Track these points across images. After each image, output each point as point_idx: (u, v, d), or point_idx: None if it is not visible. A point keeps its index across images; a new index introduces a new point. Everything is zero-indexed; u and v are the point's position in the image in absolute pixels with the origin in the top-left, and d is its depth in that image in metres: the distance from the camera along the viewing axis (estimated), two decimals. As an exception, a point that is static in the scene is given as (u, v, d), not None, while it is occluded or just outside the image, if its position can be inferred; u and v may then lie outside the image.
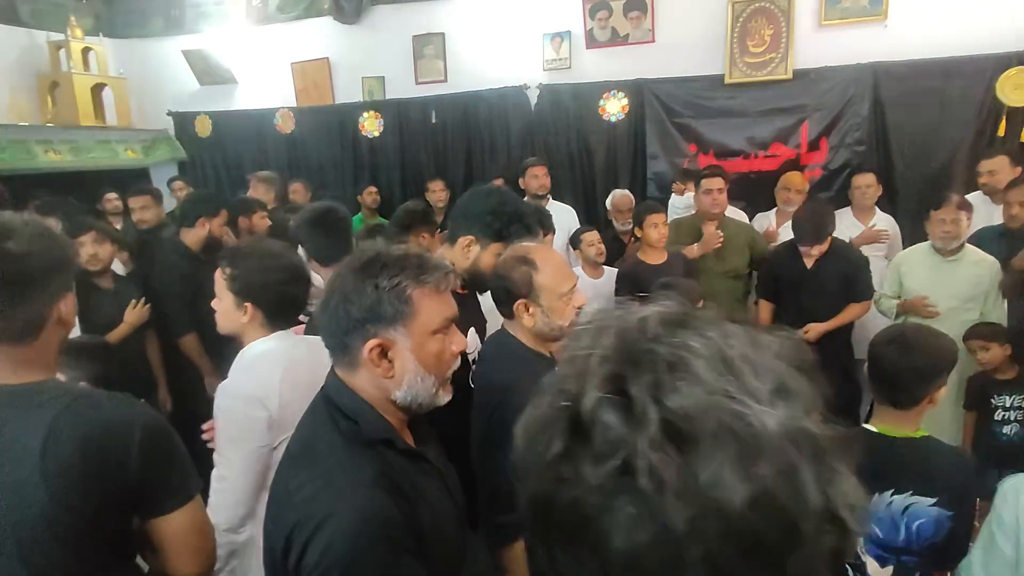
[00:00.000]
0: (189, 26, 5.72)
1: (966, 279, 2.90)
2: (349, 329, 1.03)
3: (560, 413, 0.45)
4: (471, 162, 5.16)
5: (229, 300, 1.61)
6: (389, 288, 1.01)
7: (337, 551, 0.89)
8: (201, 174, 5.87)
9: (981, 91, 3.90)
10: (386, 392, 1.05)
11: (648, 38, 4.59)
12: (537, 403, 0.48)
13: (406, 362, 1.03)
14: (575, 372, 0.46)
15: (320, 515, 0.91)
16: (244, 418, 1.49)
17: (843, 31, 4.17)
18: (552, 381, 0.49)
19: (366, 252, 1.07)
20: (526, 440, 0.47)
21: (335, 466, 0.97)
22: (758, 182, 4.33)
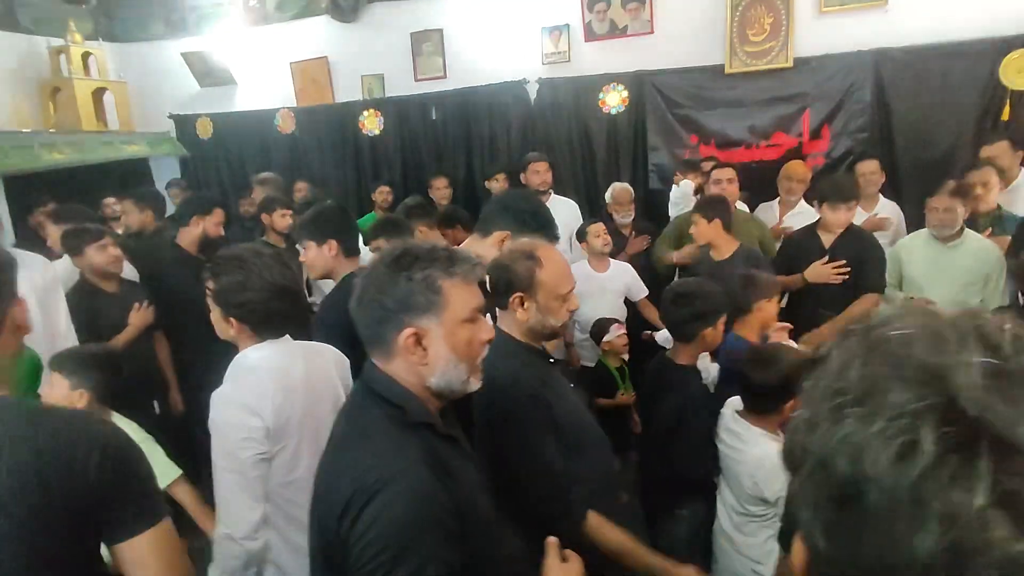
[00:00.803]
0: (188, 28, 5.74)
1: (966, 265, 2.89)
2: (384, 319, 1.09)
3: (964, 440, 0.37)
4: (472, 158, 5.16)
5: (216, 312, 1.60)
6: (421, 279, 1.07)
7: (390, 518, 0.96)
8: (203, 176, 5.89)
9: (984, 75, 3.86)
10: (422, 379, 1.11)
11: (647, 29, 4.57)
12: (864, 425, 0.41)
13: (439, 349, 1.10)
14: (945, 387, 0.39)
15: (375, 486, 0.97)
16: (239, 427, 1.48)
17: (843, 17, 4.14)
18: (879, 397, 0.41)
19: (397, 247, 1.14)
20: (888, 471, 0.39)
21: (386, 444, 1.05)
22: (760, 172, 4.30)
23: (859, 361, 0.44)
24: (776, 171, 4.03)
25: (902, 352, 0.42)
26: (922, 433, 0.38)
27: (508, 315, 1.55)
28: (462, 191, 5.11)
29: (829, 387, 0.45)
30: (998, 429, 0.36)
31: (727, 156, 4.40)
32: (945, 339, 0.41)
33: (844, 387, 0.44)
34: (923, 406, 0.38)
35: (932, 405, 0.38)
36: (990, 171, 3.14)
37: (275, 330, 1.62)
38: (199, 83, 5.79)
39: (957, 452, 0.37)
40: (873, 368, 0.43)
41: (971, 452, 0.36)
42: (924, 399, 0.39)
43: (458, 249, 1.17)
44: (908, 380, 0.40)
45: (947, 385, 0.38)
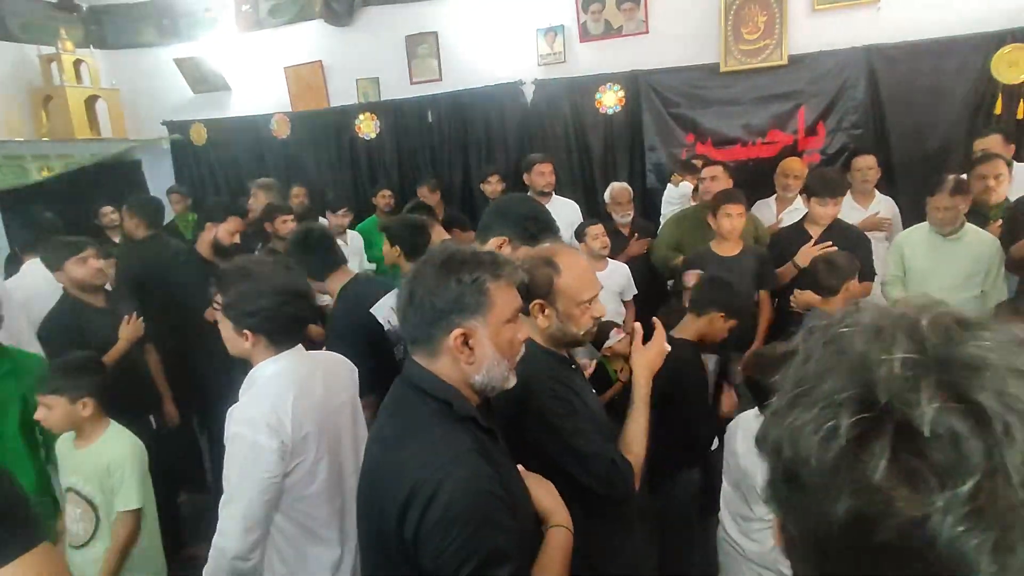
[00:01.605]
0: (181, 35, 5.70)
1: (966, 258, 2.92)
2: (434, 320, 1.14)
3: (874, 424, 0.41)
4: (468, 160, 5.16)
5: (228, 327, 1.56)
6: (471, 282, 1.13)
7: (457, 509, 1.01)
8: (199, 183, 5.86)
9: (976, 70, 3.91)
10: (466, 377, 1.16)
11: (642, 29, 4.60)
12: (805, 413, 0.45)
13: (485, 349, 1.15)
14: (869, 378, 0.43)
15: (435, 481, 1.02)
16: (255, 446, 1.45)
17: (836, 15, 4.18)
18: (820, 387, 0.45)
19: (443, 251, 1.19)
20: (815, 452, 0.43)
21: (439, 437, 1.10)
22: (757, 169, 4.34)
23: (816, 355, 0.48)
24: (772, 168, 4.06)
25: (846, 346, 0.46)
26: (841, 419, 0.42)
27: (530, 321, 1.53)
28: (459, 193, 5.11)
29: (791, 378, 0.49)
30: (901, 414, 0.40)
31: (723, 154, 4.43)
32: (881, 334, 0.45)
33: (801, 378, 0.48)
34: (845, 396, 0.43)
35: (852, 395, 0.43)
36: (1000, 163, 3.13)
37: (291, 337, 1.61)
38: (192, 89, 5.76)
39: (866, 435, 0.41)
40: (824, 361, 0.47)
41: (876, 434, 0.41)
42: (847, 389, 0.43)
43: (499, 254, 1.22)
44: (841, 372, 0.45)
45: (870, 376, 0.43)
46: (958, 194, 2.88)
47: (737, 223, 3.08)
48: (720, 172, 3.53)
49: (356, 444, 1.72)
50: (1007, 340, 0.43)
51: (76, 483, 2.04)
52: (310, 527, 1.58)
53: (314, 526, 1.59)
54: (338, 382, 1.72)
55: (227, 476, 1.48)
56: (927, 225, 3.04)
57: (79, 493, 2.03)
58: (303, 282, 1.67)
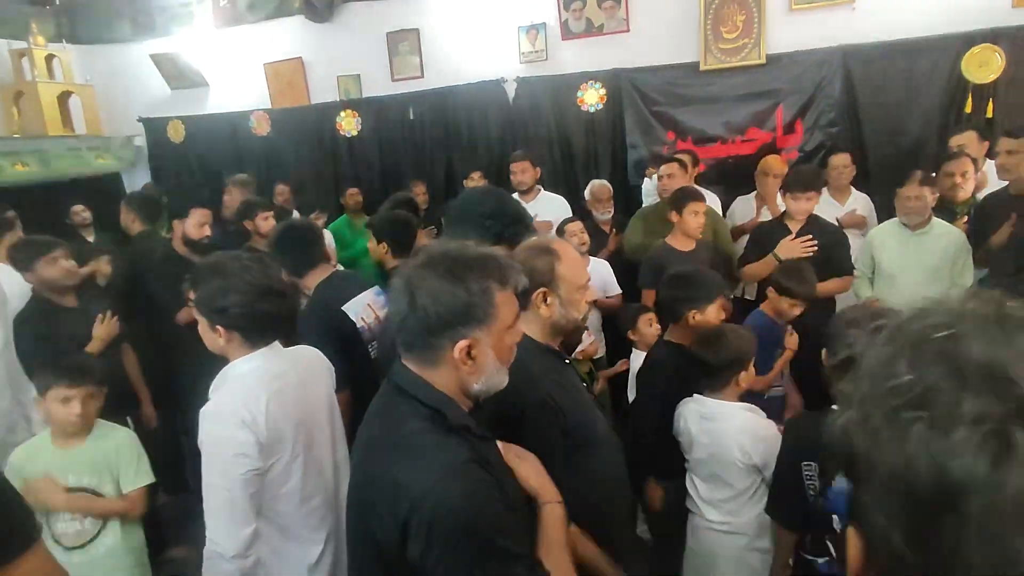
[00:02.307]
0: (156, 30, 5.61)
1: (934, 251, 3.00)
2: (438, 329, 1.07)
3: (1016, 457, 0.38)
4: (451, 157, 5.15)
5: (203, 323, 1.54)
6: (479, 291, 1.06)
7: (462, 521, 0.97)
8: (176, 180, 5.76)
9: (947, 69, 4.00)
10: (465, 386, 1.11)
11: (623, 28, 4.63)
12: (943, 431, 0.41)
13: (488, 358, 1.10)
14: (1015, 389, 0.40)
15: (436, 494, 0.98)
16: (231, 443, 1.42)
17: (813, 15, 4.25)
18: (942, 398, 0.42)
19: (445, 254, 1.10)
20: (986, 476, 0.39)
21: (432, 451, 1.04)
22: (737, 166, 4.40)
23: (905, 361, 0.45)
24: (751, 166, 4.12)
25: (953, 351, 0.43)
26: (1016, 438, 0.38)
27: (529, 314, 1.49)
28: (443, 191, 5.10)
29: (877, 387, 0.45)
30: None
31: (704, 152, 4.49)
32: (994, 336, 0.42)
33: (896, 388, 0.44)
34: (1005, 411, 0.39)
35: (1013, 409, 0.39)
36: (967, 161, 3.23)
37: (265, 334, 1.57)
38: (169, 85, 5.67)
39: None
40: (925, 369, 0.43)
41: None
42: (1004, 402, 0.40)
43: (501, 256, 1.15)
44: (973, 384, 0.41)
45: (1016, 387, 0.40)
46: (926, 185, 2.97)
47: (703, 220, 3.15)
48: (676, 169, 3.59)
49: (334, 441, 1.70)
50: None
51: (77, 481, 1.99)
52: (286, 525, 1.56)
53: (290, 524, 1.56)
54: (314, 378, 1.70)
55: (207, 480, 1.44)
56: (896, 221, 3.13)
57: (84, 490, 2.00)
58: (279, 279, 1.63)
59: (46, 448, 2.04)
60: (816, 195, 3.11)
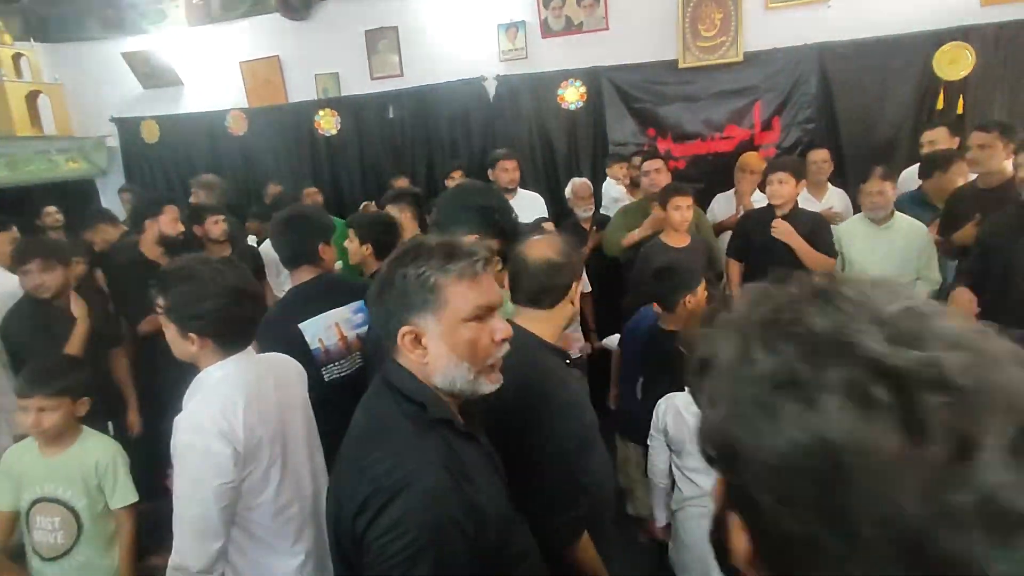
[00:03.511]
0: (127, 27, 5.48)
1: (899, 244, 3.09)
2: (388, 317, 1.10)
3: (879, 412, 0.40)
4: (432, 156, 5.12)
5: (172, 330, 1.47)
6: (415, 277, 1.06)
7: (409, 521, 0.95)
8: (151, 181, 5.65)
9: (919, 67, 4.08)
10: (427, 377, 1.10)
11: (602, 26, 4.64)
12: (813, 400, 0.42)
13: (439, 348, 1.07)
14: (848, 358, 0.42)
15: (394, 488, 0.97)
16: (207, 453, 1.37)
17: (789, 13, 4.30)
18: (810, 371, 0.43)
19: (406, 244, 1.14)
20: (866, 437, 0.40)
21: (405, 445, 1.03)
22: (716, 163, 4.44)
23: (759, 345, 0.46)
24: (731, 162, 4.16)
25: (797, 328, 0.45)
26: (875, 393, 0.40)
27: (546, 315, 1.47)
28: (424, 190, 5.06)
29: (740, 378, 0.46)
30: (916, 373, 0.40)
31: (683, 149, 4.54)
32: (825, 308, 0.45)
33: (756, 375, 0.45)
34: (858, 371, 0.42)
35: (863, 368, 0.42)
36: (962, 164, 3.27)
37: (241, 339, 1.52)
38: (142, 84, 5.56)
39: (904, 403, 0.40)
40: (779, 349, 0.45)
41: (912, 400, 0.40)
42: (854, 364, 0.42)
43: (463, 244, 1.12)
44: (823, 354, 0.43)
45: (859, 349, 0.42)
46: (887, 180, 3.06)
47: (687, 215, 3.18)
48: (661, 165, 3.62)
49: (310, 448, 1.66)
50: (895, 288, 0.45)
51: (53, 491, 1.95)
52: (263, 537, 1.51)
53: (267, 536, 1.52)
54: (288, 384, 1.65)
55: (179, 489, 1.38)
56: (861, 216, 3.21)
57: (57, 501, 1.95)
58: (251, 281, 1.57)
59: (32, 452, 2.00)
60: (789, 177, 3.15)
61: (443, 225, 1.73)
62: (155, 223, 3.11)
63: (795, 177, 3.19)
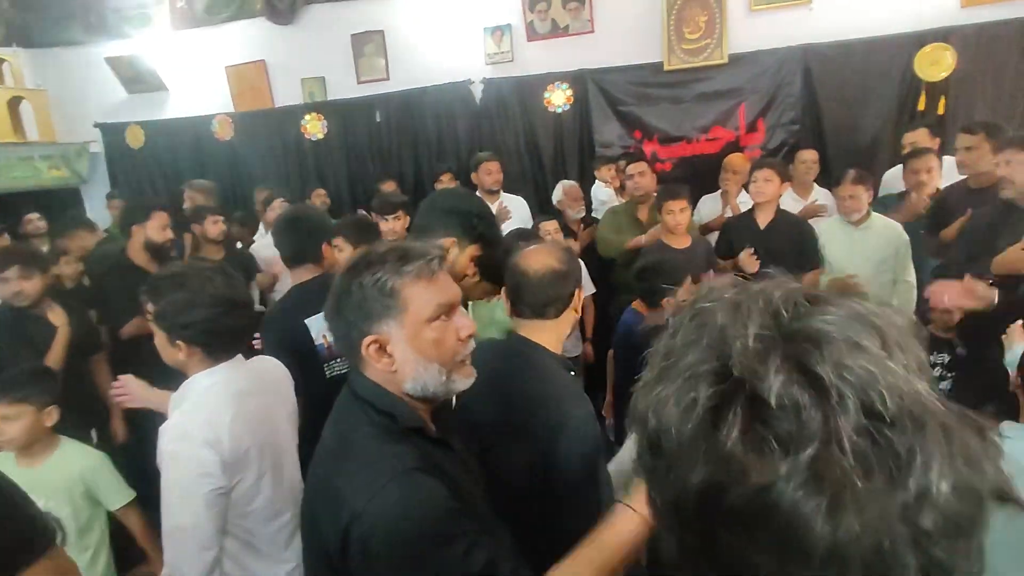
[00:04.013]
0: (110, 32, 5.43)
1: (876, 245, 3.13)
2: (348, 330, 1.06)
3: (727, 396, 0.43)
4: (419, 159, 5.12)
5: (161, 336, 1.46)
6: (371, 284, 1.03)
7: (399, 536, 0.93)
8: (136, 187, 5.61)
9: (901, 68, 4.12)
10: (397, 386, 1.06)
11: (587, 28, 4.66)
12: (669, 384, 0.46)
13: (405, 354, 1.04)
14: (726, 351, 0.44)
15: (375, 508, 0.94)
16: (194, 462, 1.35)
17: (772, 15, 4.34)
18: (683, 360, 0.46)
19: (356, 255, 1.10)
20: (676, 423, 0.45)
21: (379, 456, 1.00)
22: (701, 165, 4.47)
23: (683, 329, 0.50)
24: (716, 164, 4.19)
25: (708, 320, 0.48)
26: (700, 391, 0.44)
27: (552, 324, 1.45)
28: (410, 193, 5.06)
29: (660, 351, 0.51)
30: (752, 386, 0.42)
31: (669, 151, 4.56)
32: (739, 309, 0.46)
33: (668, 351, 0.49)
34: (705, 369, 0.45)
35: (711, 368, 0.45)
36: (932, 157, 3.33)
37: (230, 348, 1.50)
38: (126, 89, 5.51)
39: (721, 406, 0.43)
40: (687, 335, 0.48)
41: (729, 405, 0.42)
42: (706, 362, 0.45)
43: (414, 245, 1.09)
44: (702, 346, 0.46)
45: (726, 350, 0.44)
46: (859, 183, 3.08)
47: (681, 218, 3.18)
48: (646, 168, 3.65)
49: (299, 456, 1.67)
50: (848, 314, 0.44)
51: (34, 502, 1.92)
52: (254, 544, 1.51)
53: (258, 543, 1.51)
54: (277, 392, 1.65)
55: (167, 500, 1.36)
56: (839, 217, 3.24)
57: None
58: (242, 290, 1.56)
59: (8, 463, 1.96)
60: (774, 175, 3.19)
61: (422, 229, 1.69)
62: (142, 229, 3.09)
63: (780, 177, 3.22)
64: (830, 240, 3.23)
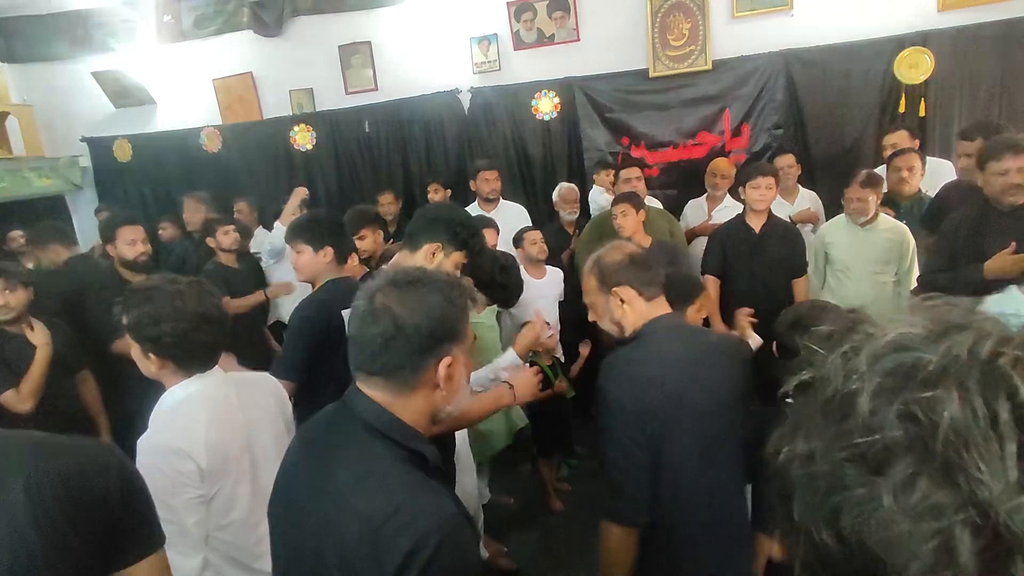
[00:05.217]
0: (95, 46, 5.42)
1: (881, 245, 3.16)
2: (428, 347, 1.01)
3: (1001, 557, 0.33)
4: (408, 169, 5.14)
5: (136, 348, 1.48)
6: (463, 307, 1.06)
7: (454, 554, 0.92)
8: (124, 201, 5.58)
9: (881, 71, 4.19)
10: (436, 410, 1.06)
11: (573, 37, 4.71)
12: (898, 514, 0.35)
13: (461, 379, 1.07)
14: (973, 485, 0.33)
15: (440, 535, 0.91)
16: (171, 472, 1.37)
17: (754, 21, 4.40)
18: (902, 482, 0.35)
19: (417, 275, 1.07)
20: (926, 568, 0.34)
21: (428, 493, 0.97)
22: (688, 170, 4.52)
23: (867, 403, 0.38)
24: (702, 169, 4.25)
25: (922, 411, 0.36)
26: (959, 541, 0.33)
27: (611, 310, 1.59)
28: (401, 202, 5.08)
29: (830, 424, 0.40)
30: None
31: (656, 156, 4.61)
32: (973, 400, 0.34)
33: (850, 436, 0.38)
34: (960, 517, 0.33)
35: (967, 518, 0.33)
36: (914, 156, 3.38)
37: (201, 362, 1.51)
38: (113, 104, 5.50)
39: (993, 567, 0.33)
40: (886, 422, 0.37)
41: (1006, 567, 0.33)
42: (958, 502, 0.34)
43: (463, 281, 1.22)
44: (933, 465, 0.35)
45: (976, 487, 0.33)
46: (868, 187, 3.10)
47: (626, 221, 3.28)
48: (639, 173, 3.73)
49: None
50: None
51: None
52: (235, 557, 1.51)
53: (239, 555, 1.52)
54: (257, 402, 1.64)
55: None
56: (845, 217, 3.26)
57: None
58: (216, 305, 1.55)
59: None
60: (774, 182, 3.21)
61: (411, 236, 1.84)
62: (112, 246, 3.09)
63: (777, 183, 3.26)
64: (834, 239, 3.27)
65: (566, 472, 3.75)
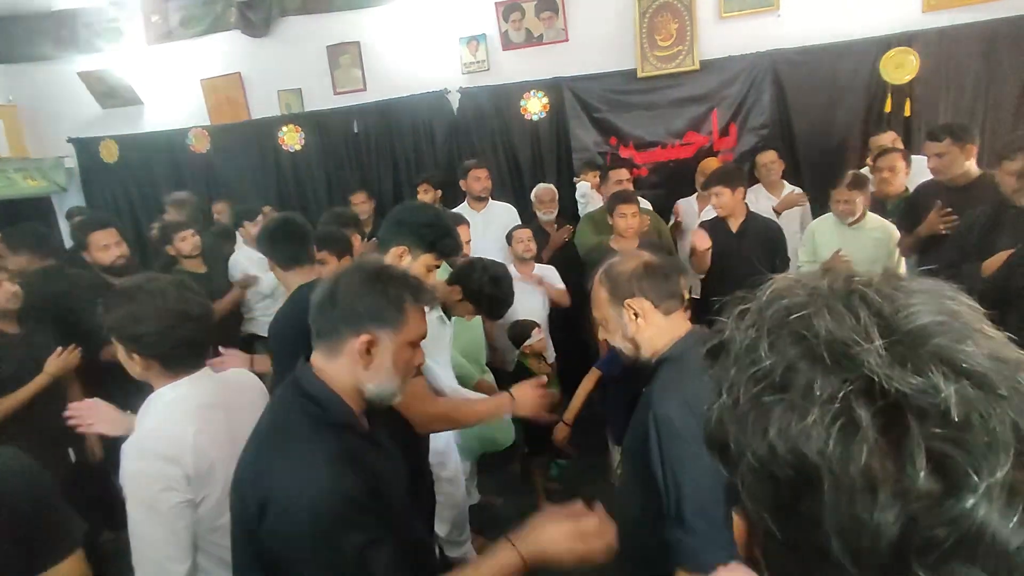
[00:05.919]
0: (81, 47, 5.38)
1: (868, 243, 3.20)
2: (349, 319, 1.18)
3: (894, 417, 0.39)
4: (397, 169, 5.13)
5: (120, 350, 1.46)
6: (392, 294, 1.20)
7: (308, 519, 1.03)
8: (111, 202, 5.55)
9: (867, 72, 4.22)
10: (359, 383, 1.20)
11: (562, 37, 4.71)
12: (799, 411, 0.42)
13: (384, 360, 1.20)
14: (856, 364, 0.41)
15: (290, 491, 1.05)
16: (158, 477, 1.35)
17: (741, 22, 4.42)
18: (799, 380, 0.42)
19: (376, 263, 1.27)
20: (836, 456, 0.40)
21: (303, 446, 1.12)
22: (676, 170, 4.54)
23: (766, 343, 0.45)
24: (691, 168, 4.27)
25: (806, 331, 0.44)
26: (858, 416, 0.39)
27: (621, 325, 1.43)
28: (389, 203, 5.08)
29: (743, 371, 0.46)
30: (917, 402, 0.38)
31: (645, 156, 4.62)
32: (840, 312, 0.43)
33: (759, 372, 0.45)
34: (851, 390, 0.40)
35: (857, 389, 0.40)
36: (898, 156, 3.42)
37: (187, 362, 1.49)
38: (100, 104, 5.46)
39: (891, 429, 0.38)
40: (783, 350, 0.44)
41: (902, 427, 0.38)
42: (849, 383, 0.40)
43: (426, 284, 1.30)
44: (824, 363, 0.42)
45: (861, 365, 0.40)
46: (855, 188, 3.14)
47: (632, 222, 3.29)
48: (627, 175, 3.76)
49: None
50: (935, 300, 0.42)
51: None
52: (227, 559, 1.44)
53: (228, 556, 1.45)
54: (246, 404, 1.62)
55: (134, 519, 1.34)
56: (832, 215, 3.29)
57: None
58: (199, 303, 1.53)
59: None
60: (722, 188, 3.27)
61: (381, 241, 1.86)
62: (88, 253, 3.06)
63: (728, 186, 3.28)
64: (823, 237, 3.31)
65: (556, 472, 3.75)
